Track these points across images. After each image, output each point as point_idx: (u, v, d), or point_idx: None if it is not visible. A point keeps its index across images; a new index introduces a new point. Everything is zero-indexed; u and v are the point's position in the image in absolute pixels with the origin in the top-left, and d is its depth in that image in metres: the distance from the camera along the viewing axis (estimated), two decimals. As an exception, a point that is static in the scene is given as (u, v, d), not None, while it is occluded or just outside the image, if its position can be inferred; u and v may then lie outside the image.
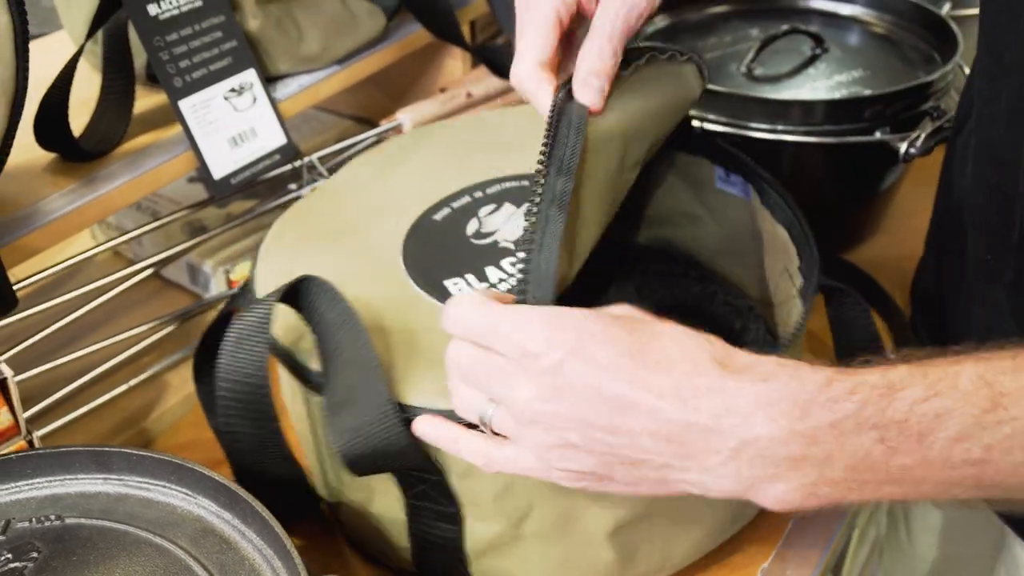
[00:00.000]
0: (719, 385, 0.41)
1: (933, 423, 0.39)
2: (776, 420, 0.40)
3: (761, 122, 0.80)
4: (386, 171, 0.70)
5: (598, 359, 0.42)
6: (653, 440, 0.41)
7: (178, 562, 0.48)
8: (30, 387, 0.69)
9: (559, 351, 0.42)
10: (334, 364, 0.53)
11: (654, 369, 0.41)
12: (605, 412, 0.42)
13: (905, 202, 0.94)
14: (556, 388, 0.42)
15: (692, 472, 0.42)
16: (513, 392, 0.43)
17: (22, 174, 0.67)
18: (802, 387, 0.40)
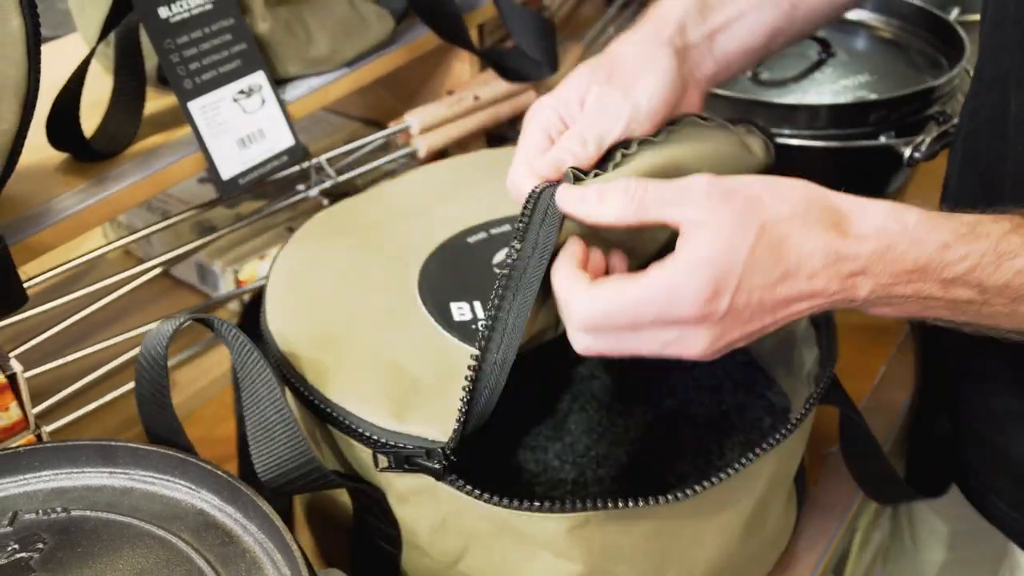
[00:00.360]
0: (848, 257, 0.44)
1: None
2: (894, 277, 0.45)
3: (768, 126, 0.81)
4: (445, 186, 0.72)
5: (753, 287, 0.44)
6: (807, 308, 0.46)
7: (180, 554, 0.48)
8: (41, 383, 0.70)
9: (726, 298, 0.44)
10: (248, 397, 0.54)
11: (796, 267, 0.44)
12: (769, 317, 0.46)
13: (911, 206, 0.94)
14: (725, 328, 0.45)
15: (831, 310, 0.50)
16: (686, 350, 0.46)
17: (34, 173, 0.68)
18: (922, 250, 0.44)
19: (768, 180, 0.46)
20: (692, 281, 0.43)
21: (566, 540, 0.50)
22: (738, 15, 0.58)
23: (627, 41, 0.56)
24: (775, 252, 0.44)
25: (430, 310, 0.59)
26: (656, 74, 0.54)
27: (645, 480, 0.67)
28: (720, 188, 0.45)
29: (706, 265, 0.43)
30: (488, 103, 0.91)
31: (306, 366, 0.56)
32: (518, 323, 0.48)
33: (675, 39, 0.56)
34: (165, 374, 0.52)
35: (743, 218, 0.44)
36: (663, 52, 0.55)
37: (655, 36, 0.56)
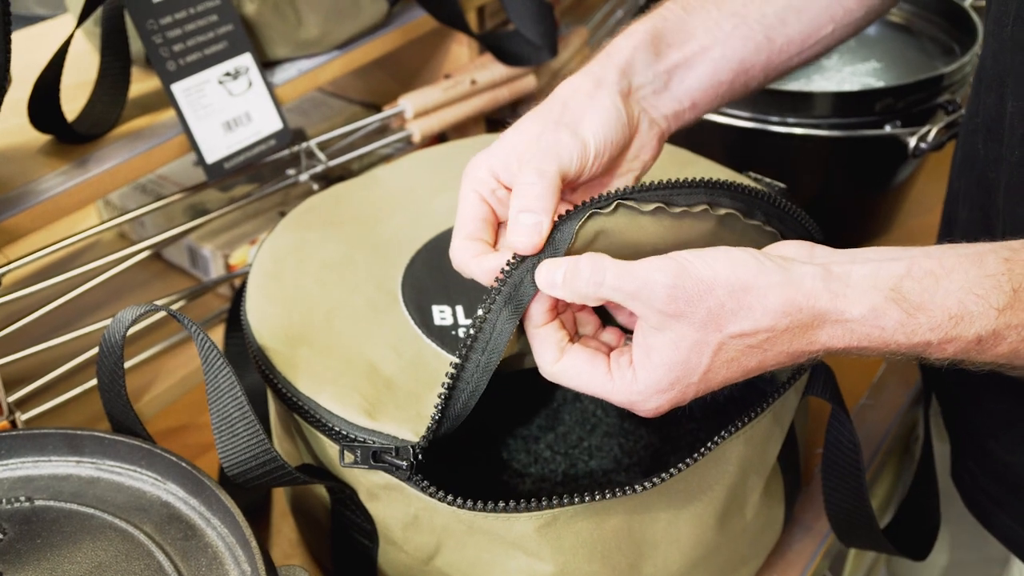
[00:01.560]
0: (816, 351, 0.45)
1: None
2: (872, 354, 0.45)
3: (770, 114, 0.79)
4: (439, 173, 0.70)
5: (711, 383, 0.46)
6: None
7: (141, 547, 0.47)
8: (24, 367, 0.69)
9: (686, 395, 0.46)
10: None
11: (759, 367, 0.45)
12: (722, 381, 0.46)
13: (920, 197, 0.91)
14: (681, 400, 0.46)
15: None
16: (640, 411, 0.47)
17: (15, 155, 0.67)
18: (900, 346, 0.44)
19: (735, 286, 0.43)
20: (647, 402, 0.46)
21: (535, 540, 0.49)
22: (700, 50, 0.55)
23: (570, 84, 0.53)
24: (736, 361, 0.44)
25: (411, 312, 0.58)
26: (599, 113, 0.51)
27: (638, 474, 0.65)
28: (680, 293, 0.43)
29: (658, 393, 0.45)
30: (486, 87, 0.89)
31: (282, 359, 0.55)
32: (505, 330, 0.47)
33: (620, 81, 0.53)
34: (121, 363, 0.51)
35: (702, 334, 0.43)
36: (604, 92, 0.52)
37: (597, 79, 0.53)
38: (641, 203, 0.48)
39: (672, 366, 0.44)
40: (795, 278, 0.43)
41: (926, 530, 0.68)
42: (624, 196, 0.48)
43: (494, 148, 0.51)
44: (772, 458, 0.60)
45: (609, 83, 0.52)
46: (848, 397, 0.59)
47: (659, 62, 0.55)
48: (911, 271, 0.43)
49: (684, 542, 0.54)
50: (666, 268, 0.43)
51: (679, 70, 0.55)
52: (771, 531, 0.63)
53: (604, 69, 0.53)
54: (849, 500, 0.60)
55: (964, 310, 0.42)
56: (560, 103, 0.52)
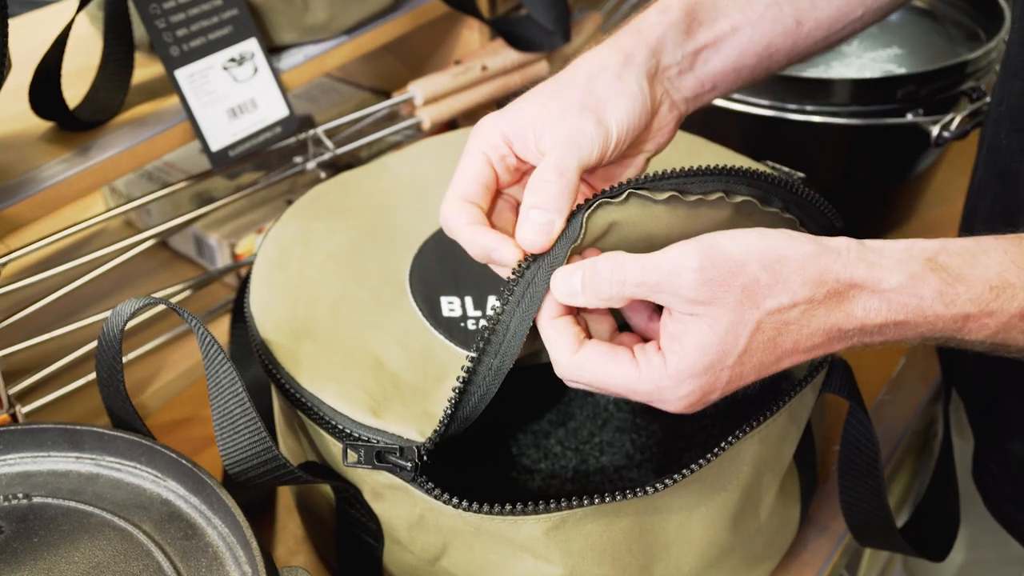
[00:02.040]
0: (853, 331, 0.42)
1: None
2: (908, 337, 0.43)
3: (788, 101, 0.77)
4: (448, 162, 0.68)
5: (745, 370, 0.43)
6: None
7: (140, 547, 0.46)
8: (26, 359, 0.68)
9: (716, 393, 0.43)
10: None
11: (794, 348, 0.42)
12: (755, 377, 0.44)
13: (942, 186, 0.89)
14: (710, 398, 0.44)
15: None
16: (669, 408, 0.44)
17: (16, 142, 0.66)
18: (937, 325, 0.42)
19: (771, 254, 0.41)
20: (677, 390, 0.42)
21: (543, 542, 0.48)
22: (730, 31, 0.53)
23: (596, 58, 0.50)
24: (772, 342, 0.42)
25: (419, 303, 0.57)
26: (625, 99, 0.48)
27: (650, 471, 0.64)
28: (712, 274, 0.40)
29: (691, 378, 0.42)
30: (497, 73, 0.87)
31: (285, 353, 0.54)
32: (519, 332, 0.45)
33: (648, 60, 0.50)
34: (120, 358, 0.49)
35: (738, 313, 0.41)
36: (632, 73, 0.49)
37: (626, 56, 0.49)
38: (654, 192, 0.46)
39: (706, 348, 0.41)
40: (829, 248, 0.41)
41: (945, 531, 0.67)
42: (637, 186, 0.46)
43: (509, 114, 0.48)
44: (788, 457, 0.58)
45: (638, 63, 0.49)
46: (866, 393, 0.57)
47: (689, 42, 0.52)
48: (946, 247, 0.41)
49: (697, 543, 0.53)
50: (692, 252, 0.41)
51: (707, 50, 0.53)
52: (787, 531, 0.61)
53: (635, 46, 0.50)
54: (866, 500, 0.58)
55: (1005, 281, 0.41)
56: (585, 80, 0.48)
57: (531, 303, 0.45)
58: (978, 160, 0.62)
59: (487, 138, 0.48)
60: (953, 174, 0.89)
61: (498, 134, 0.48)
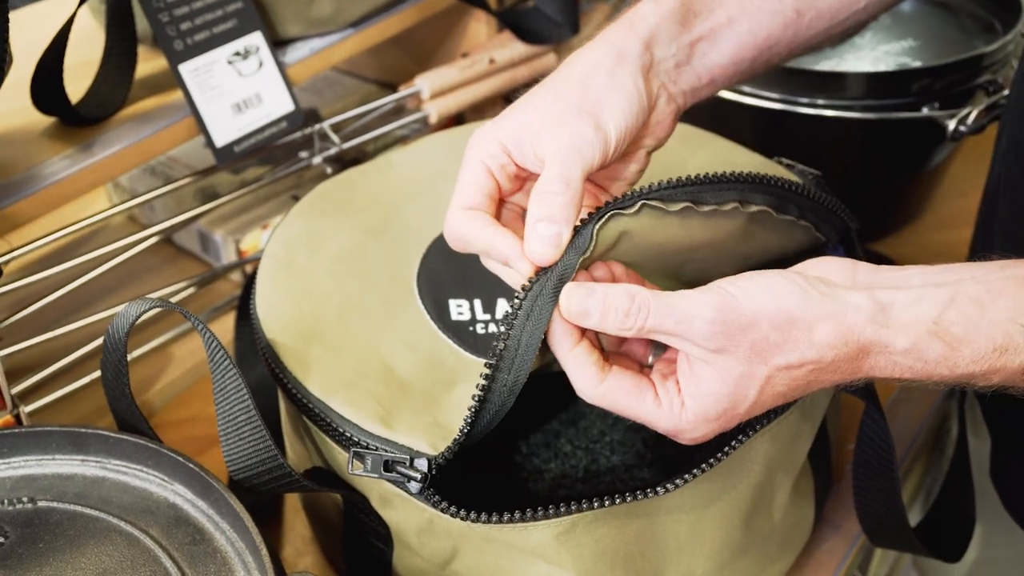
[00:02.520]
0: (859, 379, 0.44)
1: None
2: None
3: (801, 95, 0.75)
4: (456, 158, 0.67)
5: (755, 410, 0.45)
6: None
7: (147, 553, 0.46)
8: (29, 358, 0.67)
9: (731, 424, 0.45)
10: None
11: (801, 394, 0.45)
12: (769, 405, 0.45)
13: (956, 180, 0.88)
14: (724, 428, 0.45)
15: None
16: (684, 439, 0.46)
17: (18, 138, 0.65)
18: (946, 376, 0.43)
19: (781, 319, 0.42)
20: (694, 431, 0.44)
21: (554, 547, 0.47)
22: (727, 21, 0.51)
23: (588, 57, 0.48)
24: (783, 396, 0.44)
25: (427, 306, 0.56)
26: (621, 98, 0.47)
27: (661, 470, 0.63)
28: (724, 327, 0.41)
29: (706, 423, 0.44)
30: (505, 66, 0.86)
31: (293, 357, 0.53)
32: (531, 346, 0.44)
33: (642, 55, 0.48)
34: (125, 361, 0.49)
35: (747, 367, 0.42)
36: (626, 70, 0.48)
37: (619, 53, 0.48)
38: (668, 203, 0.45)
39: (720, 398, 0.43)
40: (841, 309, 0.41)
41: (960, 531, 0.66)
42: (649, 195, 0.45)
43: (505, 122, 0.47)
44: (801, 456, 0.57)
45: (631, 59, 0.48)
46: (880, 391, 0.56)
47: (684, 34, 0.50)
48: (956, 299, 0.41)
49: (709, 544, 0.52)
50: (707, 302, 0.42)
51: (703, 43, 0.51)
52: (801, 531, 0.60)
53: (627, 40, 0.49)
54: (881, 501, 0.57)
55: (1010, 341, 0.41)
56: (580, 82, 0.47)
57: (540, 316, 0.44)
58: (996, 157, 0.61)
59: (485, 148, 0.47)
60: (967, 168, 0.87)
61: (495, 143, 0.47)
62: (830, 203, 0.52)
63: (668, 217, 0.45)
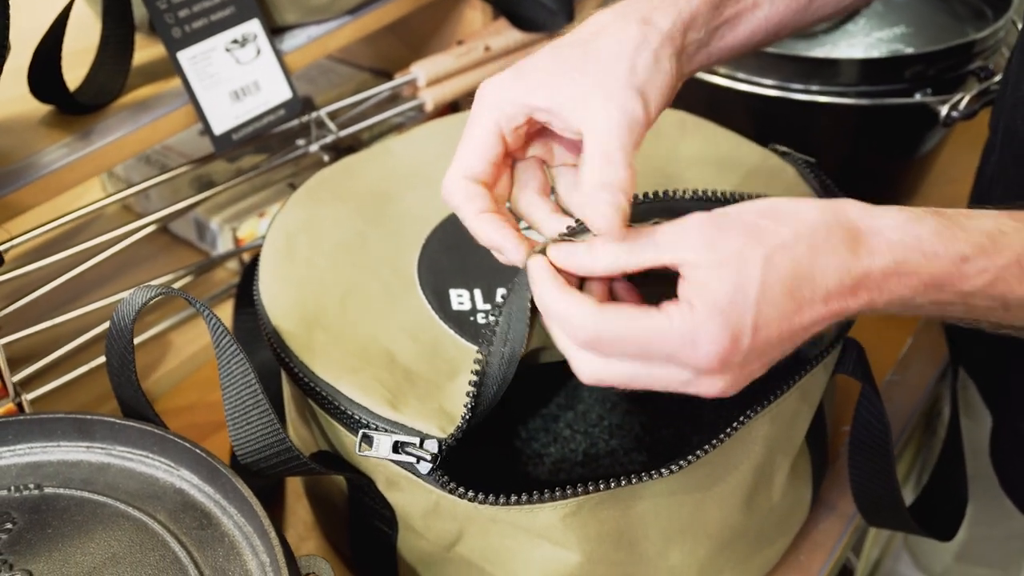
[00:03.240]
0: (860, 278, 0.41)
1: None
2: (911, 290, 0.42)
3: (794, 81, 0.76)
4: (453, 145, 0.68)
5: (770, 322, 0.40)
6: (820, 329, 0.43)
7: (155, 537, 0.46)
8: (28, 346, 0.67)
9: (745, 341, 0.40)
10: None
11: (811, 294, 0.41)
12: (789, 344, 0.42)
13: (948, 166, 0.89)
14: (744, 367, 0.41)
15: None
16: (702, 390, 0.42)
17: (16, 127, 0.65)
18: (938, 265, 0.41)
19: (765, 205, 0.42)
20: (707, 333, 0.40)
21: (560, 529, 0.48)
22: (752, 6, 0.51)
23: (630, 32, 0.47)
24: (785, 282, 0.40)
25: (428, 296, 0.56)
26: (664, 81, 0.46)
27: (659, 453, 0.64)
28: (713, 223, 0.41)
29: (719, 314, 0.40)
30: (500, 54, 0.86)
31: (298, 343, 0.53)
32: (518, 315, 0.44)
33: (681, 38, 0.48)
34: (131, 347, 0.49)
35: (744, 252, 0.40)
36: (667, 53, 0.47)
37: (664, 34, 0.47)
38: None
39: (723, 279, 0.40)
40: (824, 203, 0.42)
41: (952, 510, 0.67)
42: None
43: (532, 84, 0.45)
44: (799, 437, 0.58)
45: (672, 41, 0.47)
46: (875, 373, 0.57)
47: (715, 19, 0.50)
48: (937, 211, 0.42)
49: (712, 525, 0.53)
50: (694, 214, 0.41)
51: (724, 27, 0.51)
52: (798, 511, 0.61)
53: (672, 22, 0.48)
54: (877, 480, 0.58)
55: (1000, 230, 0.42)
56: (628, 60, 0.46)
57: (521, 285, 0.44)
58: (991, 143, 0.62)
59: (504, 110, 0.45)
60: (958, 154, 0.88)
61: (518, 107, 0.45)
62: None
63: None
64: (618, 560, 0.50)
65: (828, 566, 0.62)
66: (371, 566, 0.58)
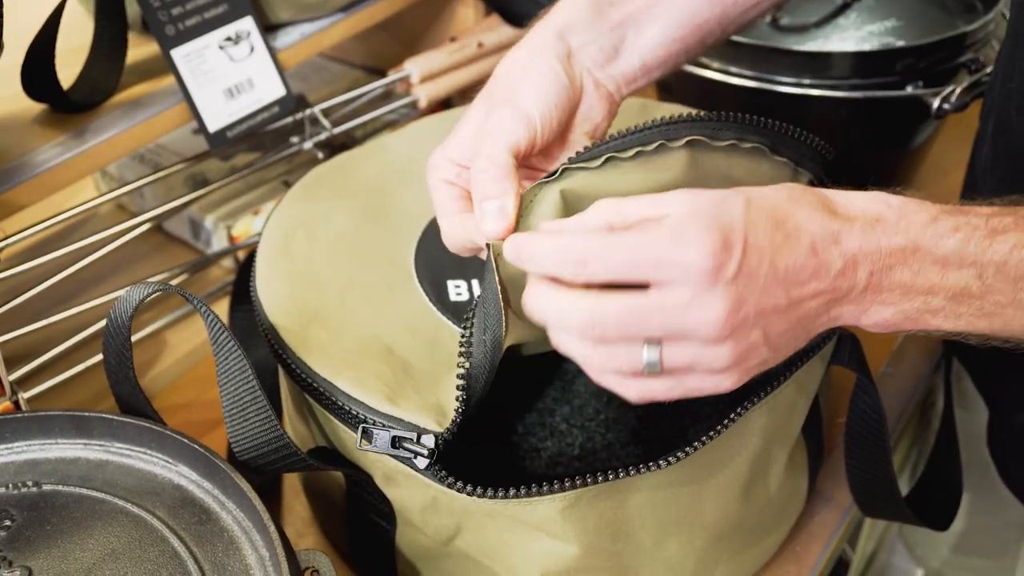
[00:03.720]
0: (838, 236, 0.41)
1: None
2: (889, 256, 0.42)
3: (786, 75, 0.76)
4: None
5: (760, 245, 0.40)
6: (815, 300, 0.42)
7: (154, 533, 0.46)
8: (25, 344, 0.67)
9: (737, 250, 0.39)
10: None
11: (795, 232, 0.41)
12: (781, 294, 0.40)
13: (939, 159, 0.89)
14: (741, 293, 0.39)
15: (837, 313, 0.43)
16: (702, 317, 0.39)
17: (9, 125, 0.65)
18: (910, 224, 0.42)
19: (740, 186, 0.42)
20: (693, 230, 0.38)
21: (559, 522, 0.48)
22: (645, 6, 0.53)
23: (508, 59, 0.52)
24: (769, 216, 0.40)
25: (426, 288, 0.56)
26: (534, 81, 0.50)
27: (656, 446, 0.64)
28: (692, 189, 0.41)
29: (703, 216, 0.39)
30: (493, 50, 0.86)
31: (296, 339, 0.53)
32: (491, 298, 0.45)
33: (555, 44, 0.51)
34: (129, 344, 0.49)
35: (726, 196, 0.40)
36: (539, 58, 0.50)
37: (532, 48, 0.51)
38: (590, 161, 0.47)
39: (706, 200, 0.39)
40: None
41: (947, 500, 0.67)
42: (572, 163, 0.47)
43: (448, 143, 0.51)
44: (796, 429, 0.58)
45: (543, 49, 0.51)
46: (870, 364, 0.58)
47: (602, 20, 0.52)
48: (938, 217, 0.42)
49: (709, 516, 0.53)
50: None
51: (625, 29, 0.53)
52: (795, 502, 0.62)
53: (539, 37, 0.52)
54: (873, 471, 0.58)
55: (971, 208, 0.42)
56: (500, 82, 0.51)
57: (490, 270, 0.45)
58: (981, 135, 0.62)
59: (438, 171, 0.50)
60: (950, 147, 0.89)
61: (446, 162, 0.50)
62: (797, 133, 0.53)
63: (630, 171, 0.47)
64: (616, 552, 0.51)
65: (824, 557, 0.62)
66: (369, 562, 0.58)
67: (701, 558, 0.54)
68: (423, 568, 0.55)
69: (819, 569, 0.62)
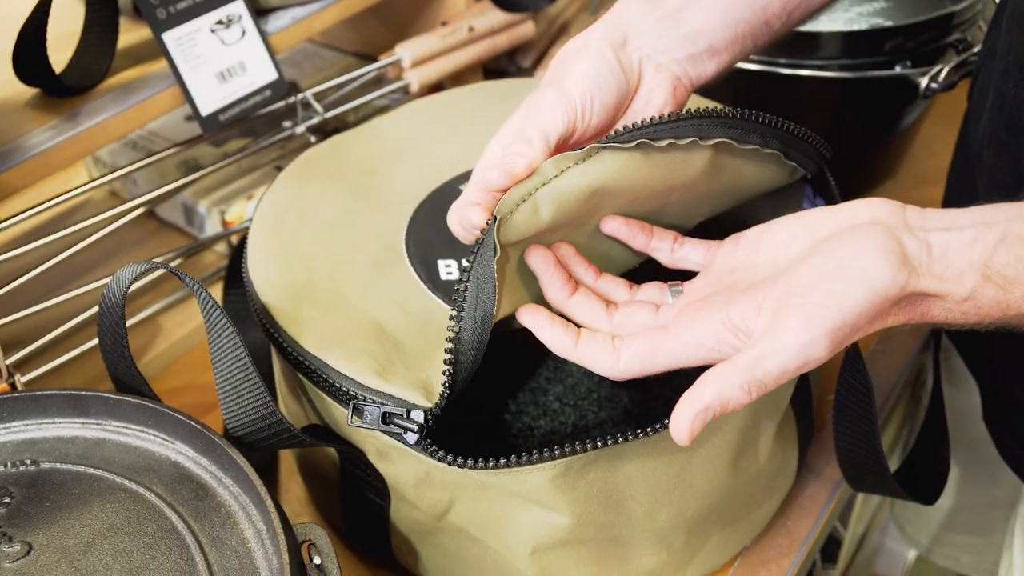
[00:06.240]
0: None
1: None
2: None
3: (774, 55, 0.77)
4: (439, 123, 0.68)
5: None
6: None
7: (152, 508, 0.46)
8: (19, 329, 0.68)
9: None
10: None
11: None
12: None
13: (928, 139, 0.90)
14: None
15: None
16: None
17: (2, 110, 0.65)
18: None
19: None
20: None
21: (550, 491, 0.48)
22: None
23: (563, 48, 0.53)
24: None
25: (416, 267, 0.57)
26: (582, 64, 0.50)
27: (648, 424, 0.64)
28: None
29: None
30: (484, 34, 0.87)
31: (287, 318, 0.54)
32: (485, 277, 0.45)
33: (610, 32, 0.51)
34: (123, 323, 0.49)
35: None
36: (591, 45, 0.51)
37: (586, 37, 0.52)
38: (624, 142, 0.47)
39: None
40: (903, 262, 0.42)
41: (935, 476, 0.68)
42: (605, 143, 0.47)
43: (500, 132, 0.51)
44: (784, 401, 0.59)
45: (597, 37, 0.51)
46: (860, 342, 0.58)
47: (659, 6, 0.53)
48: (1006, 238, 0.41)
49: (698, 487, 0.54)
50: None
51: (685, 12, 0.53)
52: (785, 476, 0.62)
53: (595, 27, 0.52)
54: (861, 445, 0.59)
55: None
56: (550, 69, 0.51)
57: (487, 248, 0.45)
58: (974, 110, 0.63)
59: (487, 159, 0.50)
60: (937, 128, 0.89)
61: (500, 148, 0.49)
62: (795, 130, 0.53)
63: (633, 161, 0.47)
64: (607, 522, 0.51)
65: (815, 531, 0.63)
66: (365, 538, 0.59)
67: (692, 529, 0.55)
68: (417, 543, 0.55)
69: (810, 544, 0.62)
